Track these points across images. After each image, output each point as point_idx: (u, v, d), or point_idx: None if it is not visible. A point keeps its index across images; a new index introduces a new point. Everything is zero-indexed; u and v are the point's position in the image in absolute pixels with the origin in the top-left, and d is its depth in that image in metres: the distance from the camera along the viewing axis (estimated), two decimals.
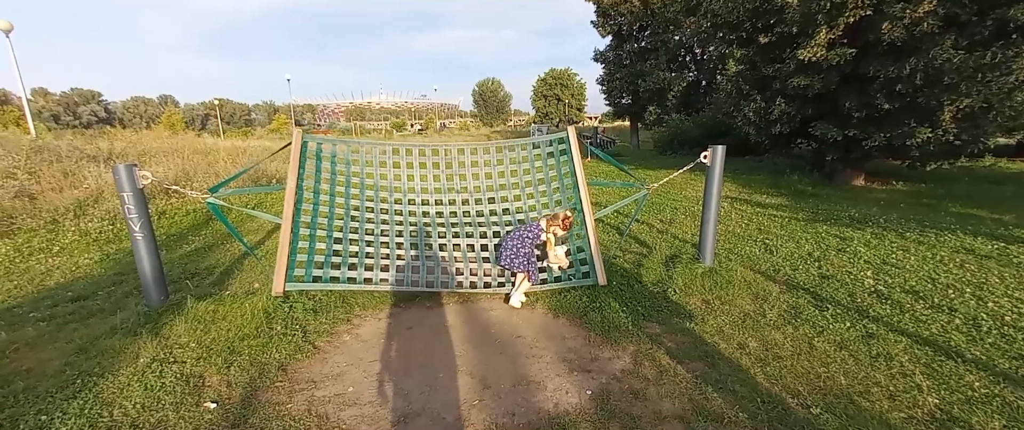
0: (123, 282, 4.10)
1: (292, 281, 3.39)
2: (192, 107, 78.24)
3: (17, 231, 5.61)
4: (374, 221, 3.99)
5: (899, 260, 3.99)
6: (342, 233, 3.77)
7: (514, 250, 3.39)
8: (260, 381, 2.48)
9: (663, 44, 19.36)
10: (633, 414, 2.15)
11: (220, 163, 9.45)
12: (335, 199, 3.94)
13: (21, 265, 4.74)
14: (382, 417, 2.21)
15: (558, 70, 53.30)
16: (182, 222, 6.54)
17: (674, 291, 3.46)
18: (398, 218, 4.13)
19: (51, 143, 8.84)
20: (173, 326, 2.97)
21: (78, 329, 3.09)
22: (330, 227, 3.80)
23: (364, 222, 3.95)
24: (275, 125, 46.01)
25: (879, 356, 2.53)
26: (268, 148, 15.44)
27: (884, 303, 3.16)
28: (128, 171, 3.10)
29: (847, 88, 7.61)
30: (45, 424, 2.09)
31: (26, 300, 3.76)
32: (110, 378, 2.44)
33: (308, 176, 3.76)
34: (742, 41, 9.00)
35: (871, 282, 3.52)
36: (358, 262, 3.65)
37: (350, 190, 4.04)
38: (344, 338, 3.03)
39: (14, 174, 6.83)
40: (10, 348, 2.82)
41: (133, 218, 3.14)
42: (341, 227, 3.80)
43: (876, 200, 7.11)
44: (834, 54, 7.13)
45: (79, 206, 6.28)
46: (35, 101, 60.97)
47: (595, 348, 2.80)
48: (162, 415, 2.18)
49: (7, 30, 13.05)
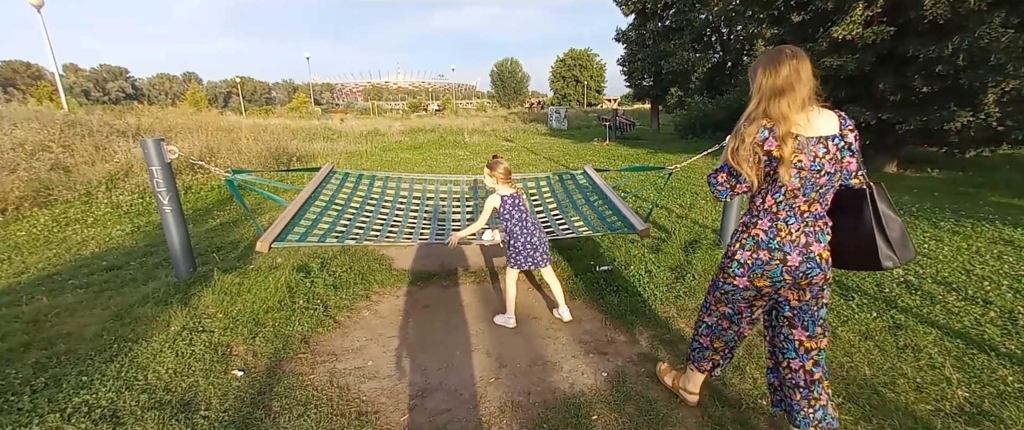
0: (153, 253, 4.25)
1: (282, 241, 3.05)
2: (214, 85, 79.50)
3: (54, 202, 5.86)
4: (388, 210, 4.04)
5: (931, 250, 3.85)
6: (352, 218, 3.73)
7: (543, 242, 2.84)
8: (284, 352, 2.56)
9: (688, 23, 18.67)
10: (649, 397, 2.15)
11: (243, 140, 9.63)
12: (351, 204, 3.96)
13: (59, 235, 4.95)
14: (400, 391, 2.27)
15: (578, 50, 52.23)
16: (208, 197, 6.71)
17: (694, 276, 3.41)
18: (416, 201, 4.21)
19: (83, 118, 9.12)
20: (201, 297, 3.08)
21: (113, 297, 3.23)
22: (340, 215, 3.73)
23: (378, 212, 3.96)
24: (295, 104, 46.45)
25: (906, 347, 2.46)
26: (288, 126, 15.67)
27: (914, 294, 3.07)
28: (157, 146, 3.17)
29: (882, 69, 7.25)
30: (86, 384, 2.20)
31: (65, 268, 3.94)
32: (144, 344, 2.55)
33: (326, 190, 3.95)
34: (773, 19, 8.62)
35: (900, 272, 3.41)
36: (362, 228, 3.54)
37: (369, 197, 4.16)
38: (363, 314, 3.10)
39: (49, 147, 7.10)
40: (52, 313, 2.96)
41: (162, 192, 3.22)
42: (351, 216, 3.78)
43: (909, 188, 6.83)
44: (871, 32, 6.77)
45: (111, 179, 6.51)
46: (67, 77, 62.73)
47: (611, 331, 2.80)
48: (193, 380, 2.27)
49: (38, 6, 13.36)
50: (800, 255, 1.53)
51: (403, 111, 48.94)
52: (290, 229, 3.21)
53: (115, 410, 2.05)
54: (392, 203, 4.15)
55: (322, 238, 3.21)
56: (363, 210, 3.86)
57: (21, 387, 2.17)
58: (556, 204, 4.17)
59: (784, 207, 1.53)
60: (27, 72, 62.32)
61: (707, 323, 1.87)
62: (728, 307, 1.76)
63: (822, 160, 1.46)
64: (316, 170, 4.15)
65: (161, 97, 62.93)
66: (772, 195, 1.53)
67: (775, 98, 1.45)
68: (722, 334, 1.84)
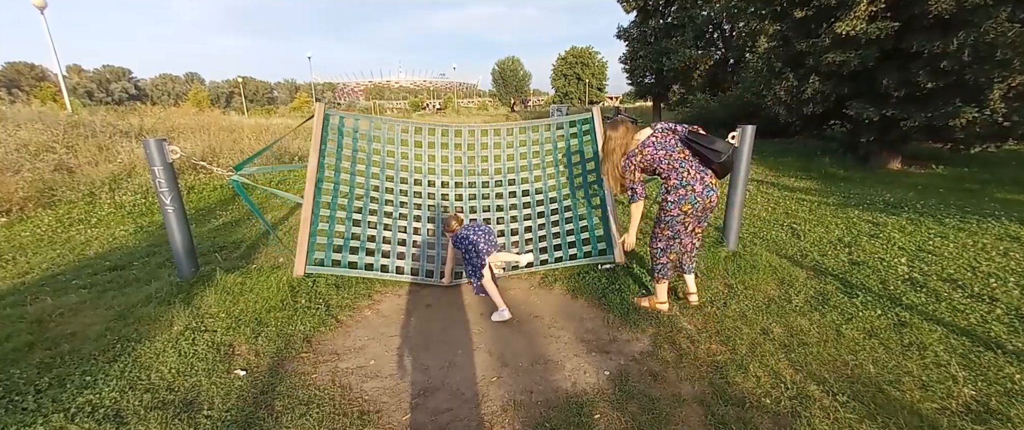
0: (156, 253, 4.26)
1: (312, 264, 3.43)
2: (217, 85, 79.64)
3: (58, 202, 5.89)
4: (393, 203, 3.98)
5: (936, 247, 3.82)
6: (361, 214, 3.77)
7: (489, 239, 3.18)
8: (286, 352, 2.56)
9: (690, 20, 18.62)
10: (652, 396, 2.14)
11: (245, 140, 9.64)
12: (356, 179, 3.89)
13: (63, 235, 4.97)
14: (403, 390, 2.26)
15: (579, 48, 52.04)
16: (210, 197, 6.73)
17: (696, 274, 3.39)
18: (417, 200, 4.12)
19: (86, 118, 9.15)
20: (204, 297, 3.08)
21: (116, 297, 3.24)
22: (350, 208, 3.75)
23: (383, 203, 3.94)
24: (297, 103, 46.55)
25: (911, 345, 2.44)
26: (290, 126, 15.67)
27: (919, 291, 3.04)
28: (158, 146, 3.17)
29: (886, 65, 7.19)
30: (90, 384, 2.21)
31: (69, 268, 3.96)
32: (147, 344, 2.56)
33: (329, 153, 3.70)
34: (776, 15, 8.56)
35: (905, 269, 3.38)
36: (375, 248, 3.68)
37: (371, 169, 4.00)
38: (365, 313, 3.10)
39: (53, 148, 7.12)
40: (56, 312, 2.98)
41: (164, 192, 3.23)
42: (360, 207, 3.80)
43: (913, 185, 6.79)
44: (875, 28, 6.72)
45: (114, 180, 6.53)
46: (70, 78, 63.03)
47: (614, 329, 2.79)
48: (196, 380, 2.28)
49: (41, 7, 13.40)
50: (701, 185, 2.64)
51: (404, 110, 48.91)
52: (313, 241, 3.37)
53: (119, 410, 2.05)
54: (395, 173, 4.09)
55: (343, 260, 3.47)
56: (368, 195, 3.88)
57: (25, 387, 2.18)
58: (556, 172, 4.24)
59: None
60: (31, 73, 62.59)
61: (660, 248, 2.85)
62: (670, 231, 2.77)
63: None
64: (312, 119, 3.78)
65: (164, 97, 63.10)
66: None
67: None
68: (673, 248, 2.87)
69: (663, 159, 2.64)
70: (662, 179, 2.72)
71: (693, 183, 2.61)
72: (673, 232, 2.76)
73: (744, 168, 3.63)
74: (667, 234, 2.78)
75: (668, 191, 2.68)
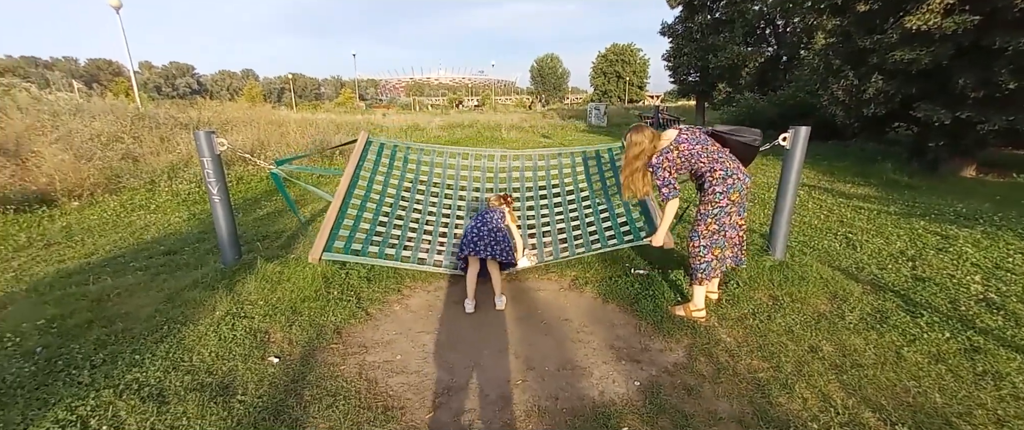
0: (205, 240, 4.50)
1: (330, 251, 3.26)
2: (270, 81, 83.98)
3: (123, 189, 6.35)
4: (423, 202, 4.05)
5: (1017, 265, 3.43)
6: (389, 213, 3.79)
7: (493, 238, 3.18)
8: (317, 342, 2.62)
9: (740, 15, 17.75)
10: (685, 412, 2.02)
11: (291, 134, 10.05)
12: (390, 180, 4.04)
13: (125, 219, 5.35)
14: (427, 387, 2.26)
15: (620, 45, 51.12)
16: (257, 188, 7.06)
17: (738, 284, 3.20)
18: (447, 200, 4.19)
19: (151, 111, 9.85)
20: (244, 284, 3.21)
21: (167, 280, 3.44)
22: (378, 210, 3.76)
23: (413, 205, 3.99)
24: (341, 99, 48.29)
25: (986, 374, 2.19)
26: (334, 121, 16.24)
27: (995, 313, 2.73)
28: (207, 138, 3.33)
29: (962, 62, 6.54)
30: (138, 363, 2.34)
31: (128, 251, 4.25)
32: (191, 327, 2.69)
33: (367, 160, 3.97)
34: (835, 9, 7.98)
35: (979, 288, 3.05)
36: (398, 242, 3.60)
37: (405, 174, 4.20)
38: (395, 307, 3.13)
39: (121, 138, 7.70)
40: (114, 293, 3.19)
41: (211, 182, 3.38)
42: (388, 210, 3.83)
43: (990, 195, 6.15)
44: (951, 22, 6.12)
45: (172, 169, 6.98)
46: (141, 73, 68.28)
47: (646, 338, 2.67)
48: (232, 364, 2.37)
49: (116, 6, 14.52)
50: (741, 173, 2.69)
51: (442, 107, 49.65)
52: (335, 233, 3.35)
53: (161, 389, 2.16)
54: (426, 188, 4.22)
55: (363, 250, 3.36)
56: (398, 203, 3.92)
57: (82, 362, 2.34)
58: (586, 184, 4.25)
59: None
60: (108, 69, 68.43)
61: (704, 245, 2.72)
62: (717, 224, 2.70)
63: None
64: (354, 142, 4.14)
65: (222, 92, 67.23)
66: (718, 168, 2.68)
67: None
68: (718, 243, 2.75)
69: (701, 153, 2.66)
70: (701, 175, 2.70)
71: (736, 172, 2.65)
72: (719, 226, 2.71)
73: (796, 172, 3.39)
74: (713, 228, 2.72)
75: (714, 183, 2.64)
